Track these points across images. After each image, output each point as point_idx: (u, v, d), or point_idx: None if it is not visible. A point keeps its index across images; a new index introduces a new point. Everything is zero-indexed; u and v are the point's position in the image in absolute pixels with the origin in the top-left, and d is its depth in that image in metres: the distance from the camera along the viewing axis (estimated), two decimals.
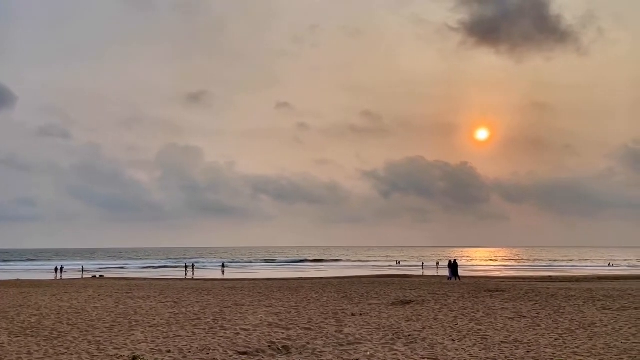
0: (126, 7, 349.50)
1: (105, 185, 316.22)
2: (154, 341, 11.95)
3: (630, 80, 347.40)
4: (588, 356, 10.37)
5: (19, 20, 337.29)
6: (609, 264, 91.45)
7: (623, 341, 11.87)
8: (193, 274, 55.17)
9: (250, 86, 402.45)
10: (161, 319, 15.64)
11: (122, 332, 13.27)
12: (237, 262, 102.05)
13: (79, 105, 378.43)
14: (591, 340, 12.11)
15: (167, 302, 20.87)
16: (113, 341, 12.00)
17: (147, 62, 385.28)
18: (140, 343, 11.74)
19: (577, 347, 11.25)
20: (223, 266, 73.70)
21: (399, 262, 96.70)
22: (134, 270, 75.02)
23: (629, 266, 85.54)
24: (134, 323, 14.90)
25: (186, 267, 59.93)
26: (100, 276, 54.05)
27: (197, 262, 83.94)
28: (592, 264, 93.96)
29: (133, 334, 12.95)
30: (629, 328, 13.68)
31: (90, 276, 54.13)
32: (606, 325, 14.20)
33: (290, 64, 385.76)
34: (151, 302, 20.92)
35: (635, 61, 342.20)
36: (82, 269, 64.83)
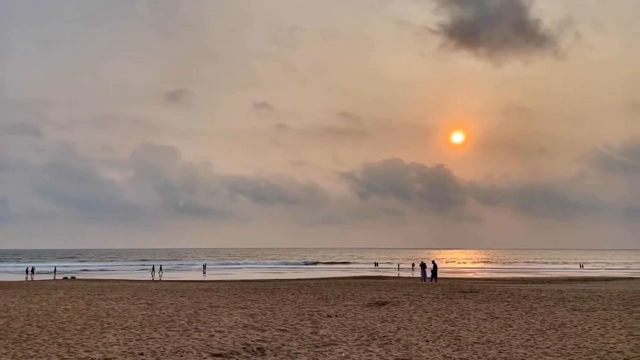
0: (103, 4, 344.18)
1: (79, 185, 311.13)
2: (126, 344, 11.76)
3: (605, 84, 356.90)
4: (558, 356, 10.57)
5: None
6: (580, 266, 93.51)
7: (592, 341, 12.13)
8: (160, 276, 54.52)
9: (229, 86, 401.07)
10: (134, 321, 15.40)
11: (93, 335, 13.03)
12: (229, 264, 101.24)
13: (52, 103, 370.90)
14: (561, 340, 12.36)
15: (141, 304, 20.57)
16: (84, 344, 11.77)
17: (124, 60, 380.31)
18: (112, 346, 11.54)
19: (548, 348, 11.46)
20: (204, 267, 73.34)
21: (377, 264, 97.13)
22: (106, 271, 73.77)
23: (599, 268, 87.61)
24: (106, 325, 14.64)
25: (153, 268, 59.38)
26: (72, 277, 53.08)
27: (180, 264, 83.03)
28: (563, 266, 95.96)
29: (105, 337, 12.72)
30: (598, 329, 14.00)
31: (62, 277, 53.06)
32: (576, 326, 14.50)
33: (269, 64, 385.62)
34: (124, 304, 20.60)
35: (611, 66, 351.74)
36: (55, 270, 63.53)
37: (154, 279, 49.42)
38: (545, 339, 12.50)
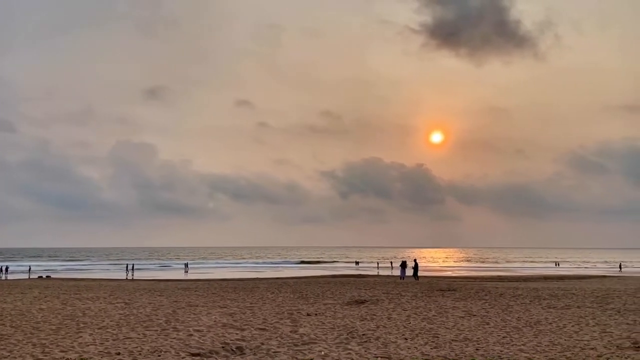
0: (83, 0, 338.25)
1: (55, 183, 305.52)
2: (102, 343, 11.60)
3: (581, 87, 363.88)
4: (534, 353, 10.75)
5: None
6: (556, 264, 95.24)
7: (566, 338, 12.38)
8: (133, 275, 53.97)
9: (210, 84, 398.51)
10: (111, 321, 15.20)
11: (69, 335, 12.82)
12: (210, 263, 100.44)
13: (28, 99, 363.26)
14: (537, 337, 12.58)
15: (118, 303, 20.31)
16: (59, 344, 11.57)
17: (103, 56, 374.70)
18: (88, 345, 11.37)
19: (524, 345, 11.65)
20: (186, 266, 72.80)
21: (358, 263, 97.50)
22: (83, 270, 72.66)
23: (573, 267, 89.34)
24: (81, 325, 14.42)
25: (127, 267, 58.80)
26: (48, 277, 52.18)
27: (160, 263, 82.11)
28: (539, 264, 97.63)
29: (81, 336, 12.53)
30: (572, 326, 14.29)
31: (37, 277, 52.09)
32: (551, 323, 14.78)
33: (251, 62, 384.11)
34: (100, 303, 20.31)
35: (588, 68, 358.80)
36: (29, 269, 62.33)
37: (128, 278, 48.87)
38: (521, 336, 12.71)
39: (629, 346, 11.31)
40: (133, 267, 60.53)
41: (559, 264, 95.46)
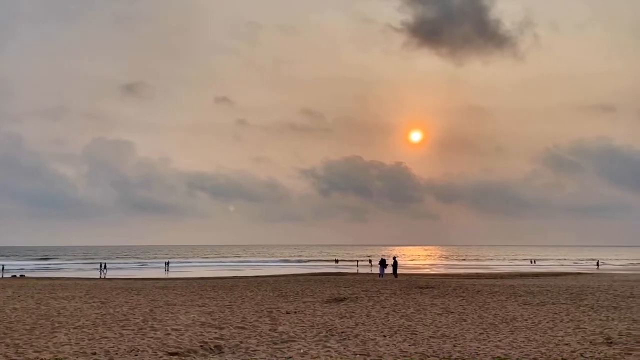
0: None
1: (28, 180, 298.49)
2: (78, 343, 11.41)
3: (558, 86, 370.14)
4: (509, 349, 10.93)
5: None
6: (532, 262, 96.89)
7: (541, 334, 12.61)
8: (105, 274, 53.27)
9: (189, 80, 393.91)
10: (87, 320, 14.96)
11: (43, 335, 12.58)
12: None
13: (0, 93, 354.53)
14: (512, 334, 12.79)
15: (94, 302, 20.01)
16: (33, 344, 11.35)
17: (78, 51, 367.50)
18: (63, 345, 11.17)
19: (500, 341, 11.84)
20: (167, 264, 72.02)
21: (338, 261, 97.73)
22: (58, 269, 71.38)
23: (549, 264, 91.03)
24: (56, 325, 14.16)
25: (101, 266, 58.05)
26: (21, 276, 51.17)
27: (139, 262, 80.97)
28: (516, 262, 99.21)
29: (56, 336, 12.30)
30: (547, 322, 14.56)
31: (11, 276, 51.01)
32: (526, 320, 15.03)
33: (230, 59, 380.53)
34: (76, 302, 19.98)
35: (565, 68, 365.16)
36: (2, 268, 60.98)
37: (102, 277, 48.18)
38: (498, 333, 12.90)
39: (601, 342, 11.57)
40: (105, 265, 59.72)
41: (534, 261, 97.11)
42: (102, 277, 49.49)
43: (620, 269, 67.78)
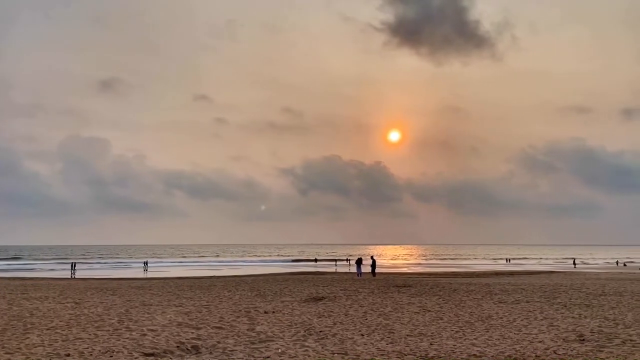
0: None
1: (0, 177, 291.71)
2: (51, 345, 11.19)
3: (533, 87, 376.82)
4: (485, 347, 11.09)
5: None
6: (507, 260, 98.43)
7: (516, 332, 12.82)
8: (74, 274, 52.44)
9: (167, 77, 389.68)
10: (60, 321, 14.68)
11: (15, 336, 12.30)
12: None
13: None
14: (488, 331, 12.97)
15: (68, 303, 19.64)
16: (5, 346, 11.09)
17: (53, 45, 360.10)
18: (36, 347, 10.95)
19: (476, 339, 12.00)
20: (145, 264, 71.14)
21: (317, 260, 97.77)
22: (30, 269, 69.86)
23: (523, 262, 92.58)
24: (29, 326, 13.86)
25: (72, 266, 57.05)
26: None
27: (120, 262, 79.60)
28: (492, 261, 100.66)
29: (28, 338, 12.04)
30: (522, 320, 14.81)
31: None
32: (501, 318, 15.27)
33: (209, 57, 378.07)
34: (49, 303, 19.59)
35: (541, 69, 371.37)
36: None
37: (72, 277, 47.37)
38: (473, 331, 13.08)
39: (574, 339, 11.83)
40: (74, 265, 58.67)
41: (510, 260, 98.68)
42: (72, 277, 48.64)
43: (594, 268, 69.32)
